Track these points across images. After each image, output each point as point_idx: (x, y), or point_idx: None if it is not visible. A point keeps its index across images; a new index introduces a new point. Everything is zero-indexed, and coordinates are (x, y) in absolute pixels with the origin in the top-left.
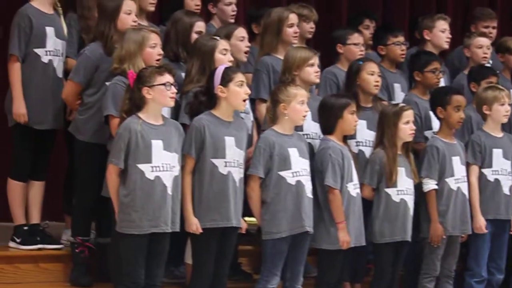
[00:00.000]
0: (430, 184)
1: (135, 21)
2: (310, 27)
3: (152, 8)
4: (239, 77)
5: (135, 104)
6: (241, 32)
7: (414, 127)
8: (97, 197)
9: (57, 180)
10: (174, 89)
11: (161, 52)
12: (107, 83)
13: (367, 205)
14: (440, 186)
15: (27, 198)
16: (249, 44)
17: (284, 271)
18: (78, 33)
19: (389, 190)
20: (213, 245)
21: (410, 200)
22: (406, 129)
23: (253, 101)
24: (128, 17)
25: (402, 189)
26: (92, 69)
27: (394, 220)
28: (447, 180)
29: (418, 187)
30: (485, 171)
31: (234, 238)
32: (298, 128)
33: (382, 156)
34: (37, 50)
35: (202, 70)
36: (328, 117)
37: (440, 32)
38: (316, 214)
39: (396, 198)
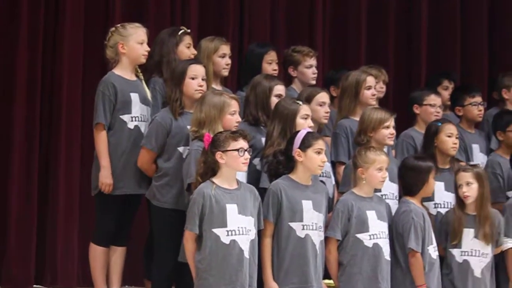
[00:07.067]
0: (509, 243)
1: (201, 86)
2: (379, 87)
3: (226, 73)
4: (319, 144)
5: (210, 167)
6: (322, 97)
7: (465, 190)
8: (176, 263)
9: (137, 245)
10: (247, 155)
11: (239, 119)
12: (178, 149)
13: None
14: None
15: (109, 263)
16: (328, 110)
17: None
18: (163, 97)
19: (454, 251)
20: None
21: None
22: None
23: (334, 164)
24: (192, 82)
25: (467, 250)
26: (164, 135)
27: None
28: None
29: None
30: None
31: None
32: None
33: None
34: (123, 117)
35: (283, 134)
36: (414, 180)
37: None
38: (397, 277)
39: (459, 259)
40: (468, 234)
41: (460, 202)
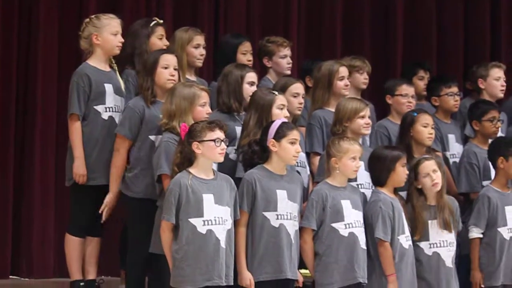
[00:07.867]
0: (474, 232)
1: (172, 75)
2: (364, 78)
3: (199, 64)
4: (294, 134)
5: (187, 157)
6: (296, 88)
7: (435, 178)
8: (150, 253)
9: (113, 235)
10: (224, 145)
11: (210, 111)
12: (150, 137)
13: None
14: (492, 236)
15: (84, 253)
16: (302, 101)
17: None
18: (136, 88)
19: (421, 244)
20: None
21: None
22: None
23: (309, 154)
24: (164, 71)
25: (435, 242)
26: (137, 122)
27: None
28: (499, 229)
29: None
30: None
31: None
32: (351, 178)
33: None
34: (97, 107)
35: (260, 124)
36: (380, 169)
37: (494, 81)
38: (368, 265)
39: (428, 251)
40: (432, 225)
41: (418, 194)
